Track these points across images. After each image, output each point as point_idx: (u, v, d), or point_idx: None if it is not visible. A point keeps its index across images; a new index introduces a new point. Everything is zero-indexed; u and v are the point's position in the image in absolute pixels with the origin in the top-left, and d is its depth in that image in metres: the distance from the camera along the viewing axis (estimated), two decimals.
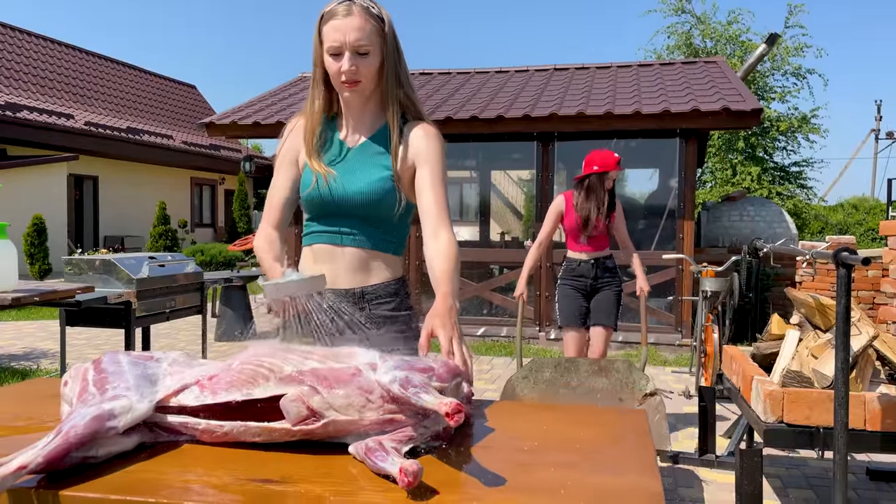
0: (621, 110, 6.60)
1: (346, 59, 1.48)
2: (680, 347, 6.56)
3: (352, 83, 1.51)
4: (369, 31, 1.48)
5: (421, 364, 1.03)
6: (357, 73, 1.50)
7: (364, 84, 1.52)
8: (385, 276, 1.62)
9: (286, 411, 0.97)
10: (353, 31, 1.47)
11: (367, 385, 0.97)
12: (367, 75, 1.52)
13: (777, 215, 8.69)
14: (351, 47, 1.47)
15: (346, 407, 0.96)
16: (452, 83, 8.91)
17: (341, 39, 1.47)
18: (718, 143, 15.70)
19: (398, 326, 1.61)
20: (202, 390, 1.02)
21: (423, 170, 1.55)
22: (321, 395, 0.96)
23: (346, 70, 1.49)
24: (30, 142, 13.63)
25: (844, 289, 2.16)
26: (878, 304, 6.41)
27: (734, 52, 16.28)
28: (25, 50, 16.35)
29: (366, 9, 1.49)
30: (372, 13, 1.50)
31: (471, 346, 6.78)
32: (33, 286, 3.58)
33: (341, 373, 1.00)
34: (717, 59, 9.15)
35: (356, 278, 1.59)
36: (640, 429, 1.18)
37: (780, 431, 2.38)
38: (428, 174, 1.55)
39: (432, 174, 1.55)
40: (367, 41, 1.48)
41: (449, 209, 1.54)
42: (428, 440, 1.01)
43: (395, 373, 0.98)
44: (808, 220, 17.12)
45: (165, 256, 4.48)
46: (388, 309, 1.61)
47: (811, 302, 2.74)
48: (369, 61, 1.51)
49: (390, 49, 1.54)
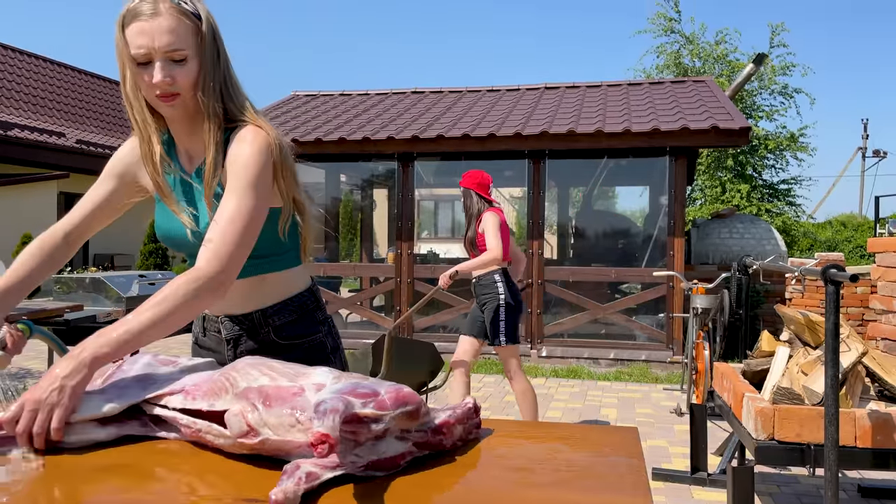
0: (612, 128, 6.65)
1: (157, 68, 1.23)
2: (671, 364, 6.57)
3: (168, 97, 1.26)
4: (183, 33, 1.24)
5: (365, 388, 0.97)
6: (174, 83, 1.25)
7: (185, 96, 1.27)
8: (282, 293, 1.44)
9: (229, 425, 0.99)
10: (163, 34, 1.22)
11: (301, 405, 0.97)
12: (186, 86, 1.26)
13: (766, 232, 8.75)
14: (162, 54, 1.22)
15: (278, 426, 0.97)
16: (444, 101, 8.96)
17: (149, 45, 1.22)
18: (708, 161, 15.83)
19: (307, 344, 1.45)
20: (185, 396, 1.06)
21: (227, 187, 1.28)
22: (258, 413, 0.97)
23: (159, 82, 1.23)
24: (20, 160, 13.59)
25: (833, 306, 2.17)
26: (867, 320, 6.44)
27: (722, 72, 16.46)
28: (17, 68, 16.35)
29: (176, 5, 1.23)
30: (184, 10, 1.24)
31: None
32: (21, 305, 3.55)
33: (285, 391, 1.00)
34: (706, 79, 9.25)
35: (250, 303, 1.42)
36: (631, 448, 1.18)
37: (772, 449, 2.39)
38: (225, 195, 1.27)
39: (227, 195, 1.26)
40: (181, 45, 1.23)
41: (233, 238, 1.22)
42: (364, 469, 0.94)
43: (324, 395, 0.95)
44: (797, 238, 17.23)
45: (155, 274, 4.46)
46: (293, 327, 1.44)
47: (801, 319, 2.75)
48: (187, 69, 1.25)
49: (208, 52, 1.28)
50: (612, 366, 6.69)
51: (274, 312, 1.42)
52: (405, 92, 9.76)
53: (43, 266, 1.43)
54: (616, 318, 7.02)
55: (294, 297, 1.45)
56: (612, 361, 6.71)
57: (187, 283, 1.15)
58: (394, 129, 7.46)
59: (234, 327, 1.44)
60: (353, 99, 9.65)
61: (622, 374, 6.37)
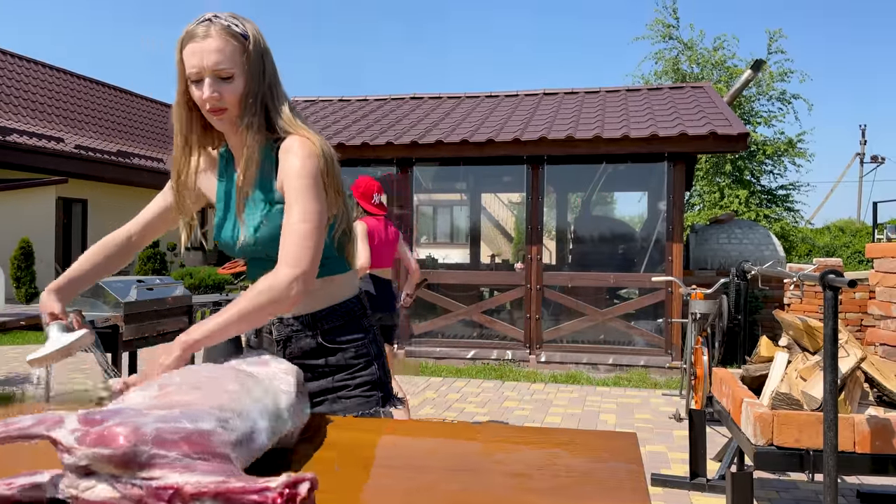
0: (610, 134, 6.66)
1: (206, 84, 1.34)
2: (670, 370, 6.56)
3: (217, 111, 1.37)
4: (230, 53, 1.34)
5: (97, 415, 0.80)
6: (221, 99, 1.35)
7: (231, 111, 1.38)
8: (331, 298, 1.50)
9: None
10: (212, 53, 1.32)
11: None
12: (233, 101, 1.37)
13: (765, 238, 8.76)
14: (210, 72, 1.33)
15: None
16: (443, 107, 8.98)
17: (200, 64, 1.33)
18: (706, 167, 15.86)
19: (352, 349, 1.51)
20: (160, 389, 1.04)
21: (286, 197, 1.38)
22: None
23: (208, 97, 1.35)
24: (19, 165, 13.59)
25: (832, 311, 2.17)
26: (865, 325, 6.44)
27: (720, 78, 16.52)
28: (16, 73, 16.37)
29: (226, 28, 1.34)
30: (233, 31, 1.35)
31: (461, 369, 6.77)
32: (19, 310, 3.55)
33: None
34: (704, 85, 9.27)
35: (302, 306, 1.47)
36: (630, 453, 1.18)
37: (771, 454, 2.38)
38: (287, 205, 1.37)
39: (289, 204, 1.36)
40: (227, 64, 1.34)
41: (306, 242, 1.32)
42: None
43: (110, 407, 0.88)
44: (796, 243, 17.26)
45: (154, 279, 4.46)
46: (340, 331, 1.50)
47: (799, 324, 2.76)
48: (234, 86, 1.36)
49: (255, 70, 1.38)
50: (610, 371, 6.69)
51: (323, 316, 1.49)
52: (404, 97, 9.78)
53: (106, 262, 1.56)
54: (615, 324, 7.02)
55: (342, 303, 1.51)
56: (610, 367, 6.71)
57: (274, 282, 1.28)
58: (393, 134, 7.47)
59: (284, 329, 1.50)
60: (352, 104, 9.66)
61: (621, 380, 6.36)
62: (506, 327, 7.21)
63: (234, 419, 0.91)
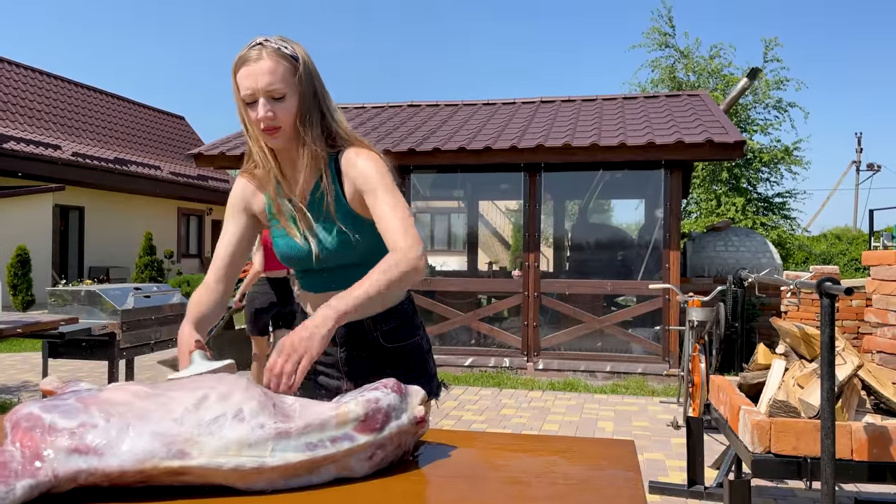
0: (607, 142, 6.68)
1: (260, 105, 1.41)
2: (667, 377, 6.56)
3: (271, 130, 1.44)
4: (282, 74, 1.41)
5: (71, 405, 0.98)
6: (274, 118, 1.42)
7: (285, 129, 1.45)
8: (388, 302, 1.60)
9: None
10: (264, 75, 1.39)
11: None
12: (286, 120, 1.43)
13: (761, 245, 8.78)
14: (264, 93, 1.40)
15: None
16: (441, 115, 8.99)
17: (253, 86, 1.40)
18: (703, 175, 15.90)
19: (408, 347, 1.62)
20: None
21: (370, 198, 1.47)
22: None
23: (262, 117, 1.41)
24: (16, 172, 13.57)
25: (828, 319, 2.18)
26: (862, 333, 6.45)
27: (717, 86, 16.58)
28: (13, 81, 16.37)
29: (276, 50, 1.41)
30: (284, 53, 1.42)
31: (459, 377, 6.76)
32: (16, 317, 3.54)
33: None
34: (701, 93, 9.30)
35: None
36: (628, 461, 1.18)
37: (768, 462, 2.38)
38: (376, 200, 1.47)
39: (380, 199, 1.46)
40: (280, 84, 1.41)
41: (410, 221, 1.44)
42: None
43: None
44: (792, 251, 17.30)
45: (151, 287, 4.45)
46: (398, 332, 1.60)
47: (796, 332, 2.76)
48: (286, 105, 1.42)
49: (306, 88, 1.45)
50: (608, 378, 6.68)
51: (382, 319, 1.58)
52: (401, 105, 9.80)
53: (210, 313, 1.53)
54: (612, 331, 7.02)
55: (398, 306, 1.61)
56: (608, 374, 6.70)
57: (401, 257, 1.36)
58: (390, 142, 7.49)
59: (346, 331, 1.58)
60: (350, 112, 9.68)
61: (619, 387, 6.36)
62: (503, 335, 7.21)
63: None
